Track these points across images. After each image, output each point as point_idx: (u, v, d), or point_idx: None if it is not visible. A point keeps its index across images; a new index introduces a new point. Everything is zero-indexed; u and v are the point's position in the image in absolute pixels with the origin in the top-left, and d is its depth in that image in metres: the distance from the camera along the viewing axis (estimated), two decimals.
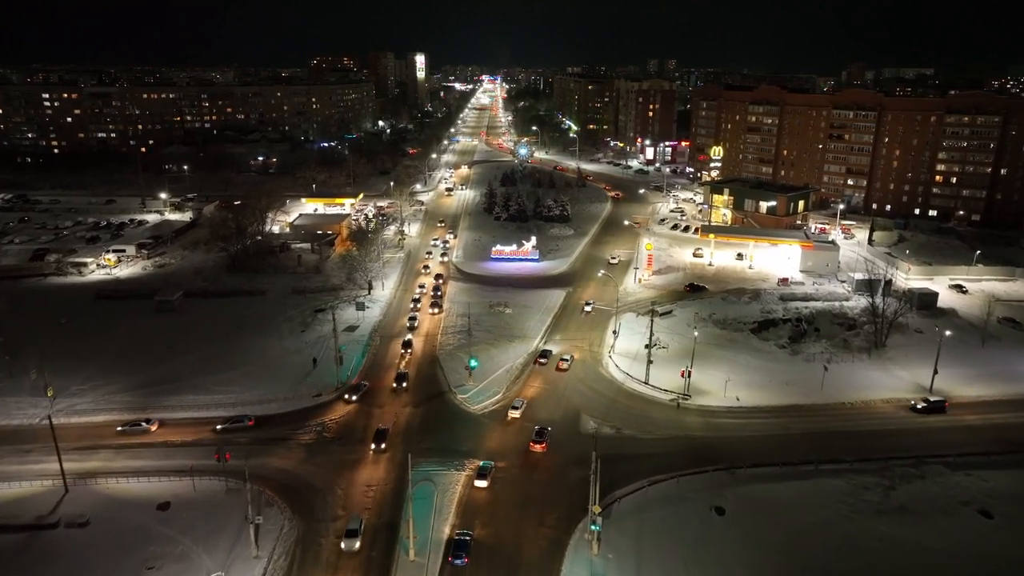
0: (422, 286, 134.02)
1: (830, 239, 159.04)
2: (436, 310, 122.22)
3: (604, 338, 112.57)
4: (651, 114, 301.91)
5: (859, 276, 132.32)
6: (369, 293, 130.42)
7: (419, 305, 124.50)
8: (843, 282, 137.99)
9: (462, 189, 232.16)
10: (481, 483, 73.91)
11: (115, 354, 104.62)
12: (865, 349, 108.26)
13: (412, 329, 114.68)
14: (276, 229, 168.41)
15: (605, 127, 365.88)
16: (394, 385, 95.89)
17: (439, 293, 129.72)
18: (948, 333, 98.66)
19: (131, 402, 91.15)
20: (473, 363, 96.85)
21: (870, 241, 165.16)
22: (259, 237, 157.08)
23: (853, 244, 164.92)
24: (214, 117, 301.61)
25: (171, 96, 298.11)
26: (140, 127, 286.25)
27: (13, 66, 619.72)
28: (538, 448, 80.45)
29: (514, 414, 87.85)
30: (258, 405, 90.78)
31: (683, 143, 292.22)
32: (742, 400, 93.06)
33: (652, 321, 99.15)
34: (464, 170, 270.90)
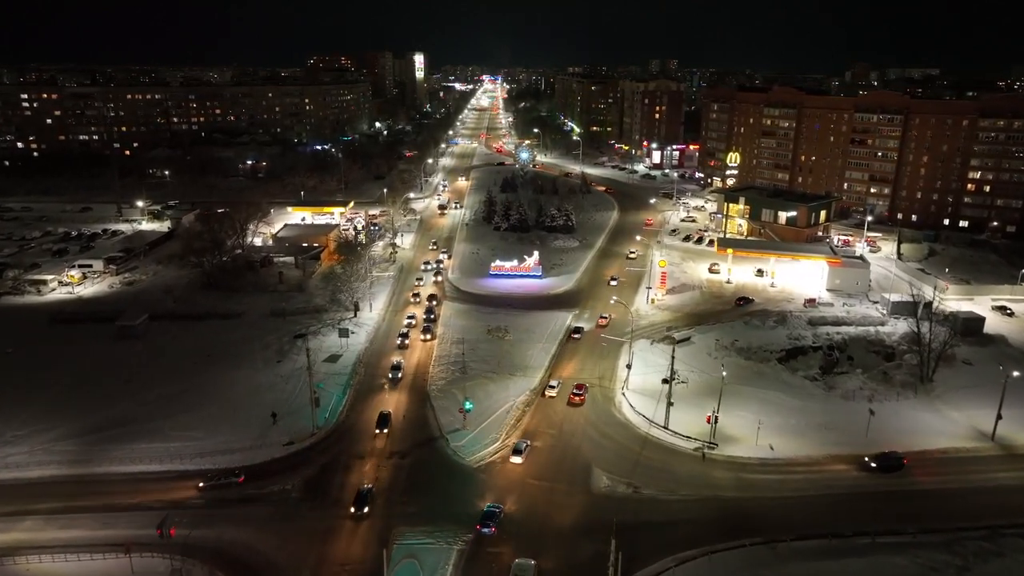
0: (411, 317, 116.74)
1: (857, 254, 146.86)
2: (428, 336, 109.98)
3: (616, 371, 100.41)
4: (657, 116, 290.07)
5: (896, 297, 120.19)
6: (355, 316, 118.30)
7: (407, 341, 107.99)
8: (876, 303, 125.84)
9: (456, 207, 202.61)
10: (516, 459, 77.18)
11: (64, 391, 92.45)
12: (909, 385, 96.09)
13: (395, 382, 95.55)
14: (258, 241, 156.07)
15: (609, 129, 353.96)
16: (352, 509, 68.83)
17: (432, 316, 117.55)
18: (1015, 374, 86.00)
19: (73, 452, 78.98)
20: (468, 405, 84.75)
21: (899, 255, 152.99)
22: (239, 251, 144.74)
23: (880, 258, 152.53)
24: (202, 119, 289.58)
25: (156, 97, 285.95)
26: (123, 129, 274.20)
27: (9, 65, 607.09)
28: (578, 400, 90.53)
29: (551, 393, 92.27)
30: (219, 456, 78.61)
31: (691, 146, 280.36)
32: (776, 449, 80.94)
33: (673, 356, 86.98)
34: (460, 182, 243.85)
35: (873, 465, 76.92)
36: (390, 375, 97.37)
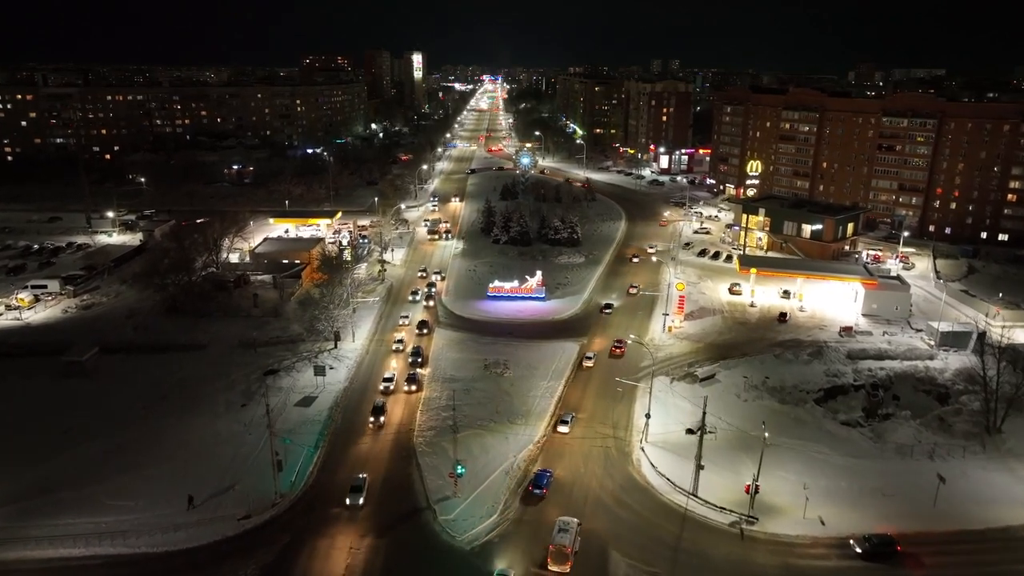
0: (388, 380, 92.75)
1: (893, 273, 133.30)
2: (414, 387, 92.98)
3: (632, 418, 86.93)
4: (665, 118, 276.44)
5: (945, 326, 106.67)
6: (335, 347, 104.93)
7: (382, 418, 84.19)
8: (919, 331, 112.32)
9: (447, 237, 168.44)
10: (564, 429, 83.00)
11: None
12: (974, 436, 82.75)
13: (356, 509, 68.38)
14: (234, 258, 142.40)
15: (613, 131, 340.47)
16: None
17: (419, 359, 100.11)
18: None
19: None
20: (460, 470, 71.24)
21: (937, 274, 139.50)
22: (212, 269, 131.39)
23: (915, 276, 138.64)
24: (187, 121, 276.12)
25: (138, 98, 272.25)
26: (103, 132, 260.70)
27: (4, 65, 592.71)
28: (619, 351, 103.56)
29: (588, 364, 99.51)
30: (159, 534, 65.16)
31: (700, 150, 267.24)
32: (828, 524, 67.56)
33: (705, 411, 73.29)
34: (454, 204, 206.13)
35: (858, 550, 63.22)
36: (348, 500, 68.74)
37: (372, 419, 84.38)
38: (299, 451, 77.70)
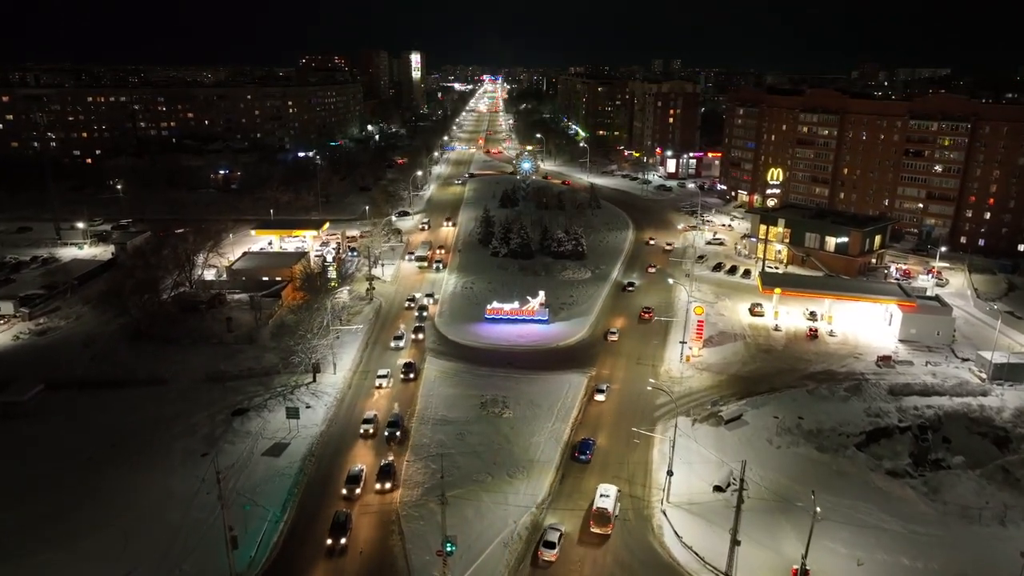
0: (354, 480, 70.01)
1: (930, 292, 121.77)
2: (389, 484, 70.52)
3: (650, 471, 75.40)
4: (672, 120, 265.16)
5: (999, 357, 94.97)
6: (314, 380, 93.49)
7: (343, 540, 62.36)
8: (966, 360, 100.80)
9: (438, 269, 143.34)
10: (600, 397, 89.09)
11: None
12: None
13: None
14: (210, 274, 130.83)
15: (617, 134, 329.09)
16: None
17: (397, 432, 79.90)
18: None
19: None
20: (449, 548, 59.56)
21: (976, 291, 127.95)
22: (184, 288, 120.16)
23: (950, 294, 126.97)
24: (173, 123, 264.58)
25: (121, 99, 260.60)
26: (85, 134, 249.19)
27: (1, 63, 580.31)
28: (648, 316, 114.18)
29: (612, 338, 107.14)
30: None
31: (709, 154, 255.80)
32: None
33: (742, 479, 61.41)
34: (446, 228, 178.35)
35: None
36: None
37: (330, 540, 62.10)
38: (262, 517, 66.24)
